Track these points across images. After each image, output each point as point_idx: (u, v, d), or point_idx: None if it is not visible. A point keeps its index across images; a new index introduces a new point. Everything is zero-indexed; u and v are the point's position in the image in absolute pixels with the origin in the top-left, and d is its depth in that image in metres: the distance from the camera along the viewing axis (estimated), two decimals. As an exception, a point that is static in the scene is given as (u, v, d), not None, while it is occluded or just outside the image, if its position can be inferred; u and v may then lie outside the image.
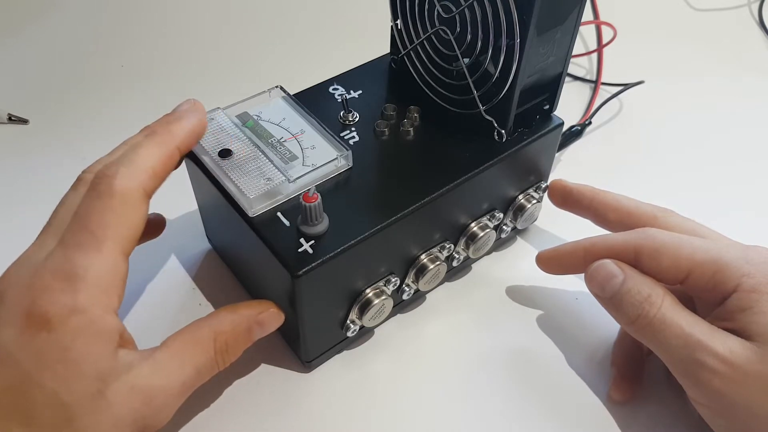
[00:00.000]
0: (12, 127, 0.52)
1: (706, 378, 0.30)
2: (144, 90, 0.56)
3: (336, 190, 0.35)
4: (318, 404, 0.36)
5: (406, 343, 0.39)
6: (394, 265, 0.36)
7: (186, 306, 0.40)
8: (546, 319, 0.40)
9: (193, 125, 0.32)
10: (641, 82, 0.55)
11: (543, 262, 0.39)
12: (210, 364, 0.31)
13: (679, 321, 0.31)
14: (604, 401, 0.36)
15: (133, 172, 0.29)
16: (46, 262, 0.27)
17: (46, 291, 0.27)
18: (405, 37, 0.39)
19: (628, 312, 0.33)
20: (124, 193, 0.28)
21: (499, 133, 0.37)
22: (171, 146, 0.31)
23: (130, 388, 0.28)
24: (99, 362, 0.27)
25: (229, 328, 0.32)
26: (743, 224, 0.46)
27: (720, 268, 0.31)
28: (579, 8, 0.35)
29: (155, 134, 0.31)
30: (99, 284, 0.27)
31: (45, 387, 0.26)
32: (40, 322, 0.26)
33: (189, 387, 0.30)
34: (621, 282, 0.33)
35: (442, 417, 0.36)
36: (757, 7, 0.66)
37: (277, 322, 0.34)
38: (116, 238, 0.28)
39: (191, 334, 0.31)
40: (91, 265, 0.27)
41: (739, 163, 0.51)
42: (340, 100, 0.39)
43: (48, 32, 0.60)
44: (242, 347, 0.33)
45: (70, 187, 0.30)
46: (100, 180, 0.29)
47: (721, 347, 0.30)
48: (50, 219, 0.30)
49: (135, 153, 0.30)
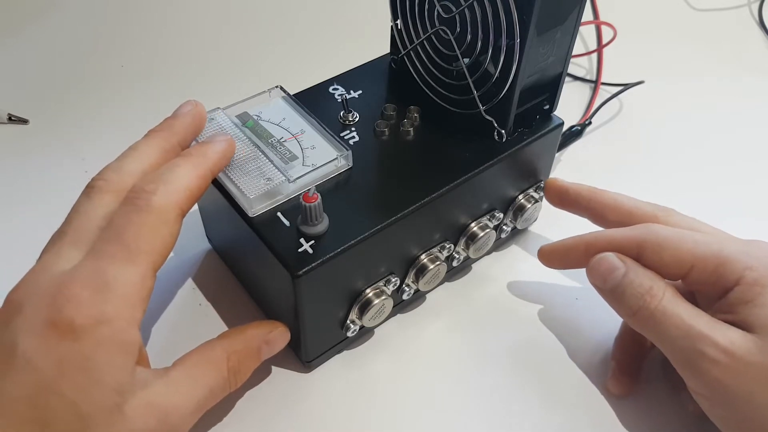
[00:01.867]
0: (12, 127, 0.52)
1: (706, 368, 0.30)
2: (144, 90, 0.56)
3: (336, 190, 0.35)
4: (318, 404, 0.36)
5: (406, 343, 0.39)
6: (394, 265, 0.36)
7: (186, 306, 0.40)
8: (546, 320, 0.40)
9: (224, 148, 0.33)
10: (641, 82, 0.55)
11: (544, 256, 0.39)
12: (223, 383, 0.31)
13: (680, 312, 0.31)
14: (605, 400, 0.36)
15: (172, 191, 0.29)
16: (75, 272, 0.27)
17: (74, 300, 0.26)
18: (405, 37, 0.39)
19: (629, 304, 0.33)
20: (162, 210, 0.29)
21: (499, 133, 0.37)
22: (206, 168, 0.31)
23: (147, 404, 0.27)
24: (119, 375, 0.27)
25: (241, 348, 0.32)
26: (743, 224, 0.46)
27: (722, 261, 0.32)
28: (579, 8, 0.35)
29: (191, 156, 0.31)
30: (127, 297, 0.27)
31: (64, 396, 0.26)
32: (65, 330, 0.26)
33: (202, 406, 0.31)
34: (623, 274, 0.33)
35: (442, 417, 0.36)
36: (757, 7, 0.66)
37: (284, 341, 0.35)
38: (149, 254, 0.28)
39: (204, 354, 0.31)
40: (122, 277, 0.27)
41: (739, 163, 0.51)
42: (340, 100, 0.39)
43: (48, 32, 0.60)
44: (252, 367, 0.34)
45: (82, 194, 0.30)
46: (139, 195, 0.29)
47: (722, 338, 0.30)
48: (65, 227, 0.29)
49: (173, 173, 0.30)
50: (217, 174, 0.33)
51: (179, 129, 0.33)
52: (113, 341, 0.27)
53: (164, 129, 0.33)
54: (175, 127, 0.33)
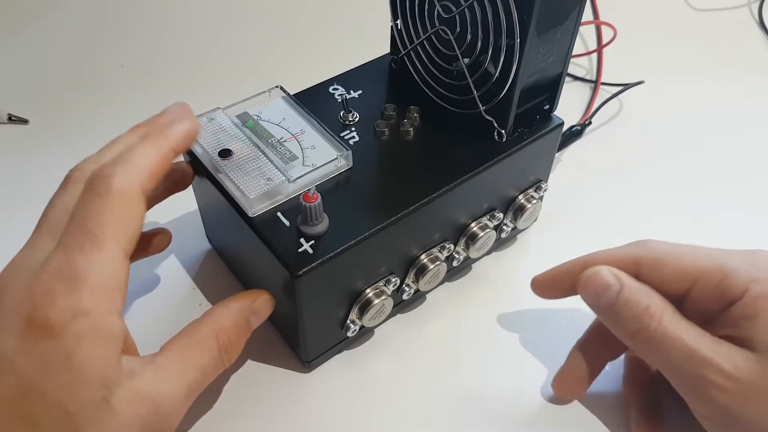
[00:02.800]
0: (12, 127, 0.52)
1: (712, 395, 0.29)
2: (144, 90, 0.56)
3: (336, 190, 0.35)
4: (318, 404, 0.36)
5: (406, 343, 0.39)
6: (394, 265, 0.36)
7: (186, 306, 0.40)
8: (547, 319, 0.40)
9: (186, 127, 0.32)
10: (641, 82, 0.55)
11: (539, 286, 0.37)
12: (215, 363, 0.31)
13: (681, 334, 0.30)
14: (606, 399, 0.36)
15: (130, 171, 0.28)
16: (46, 265, 0.26)
17: (48, 294, 0.26)
18: (405, 37, 0.39)
19: (626, 325, 0.31)
20: (122, 192, 0.28)
21: (499, 133, 0.37)
22: (166, 147, 0.30)
23: (135, 395, 0.27)
24: (103, 368, 0.26)
25: (229, 323, 0.32)
26: (743, 224, 0.46)
27: (727, 274, 0.30)
28: (579, 8, 0.35)
29: (150, 136, 0.31)
30: (101, 285, 0.26)
31: (48, 396, 0.25)
32: (42, 329, 0.25)
33: (195, 390, 0.30)
34: (617, 291, 0.31)
35: (442, 417, 0.36)
36: (757, 7, 0.66)
37: (270, 308, 0.34)
38: (117, 238, 0.27)
39: (191, 336, 0.31)
40: (92, 266, 0.26)
41: (739, 163, 0.51)
42: (340, 100, 0.39)
43: (48, 32, 0.60)
44: (243, 340, 0.33)
45: (59, 187, 0.30)
46: (97, 179, 0.28)
47: (726, 363, 0.29)
48: (41, 220, 0.29)
49: (131, 153, 0.29)
50: (180, 152, 0.31)
51: (161, 123, 0.32)
52: (93, 334, 0.26)
53: (146, 123, 0.33)
54: (157, 122, 0.32)
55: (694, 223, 0.46)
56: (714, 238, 0.45)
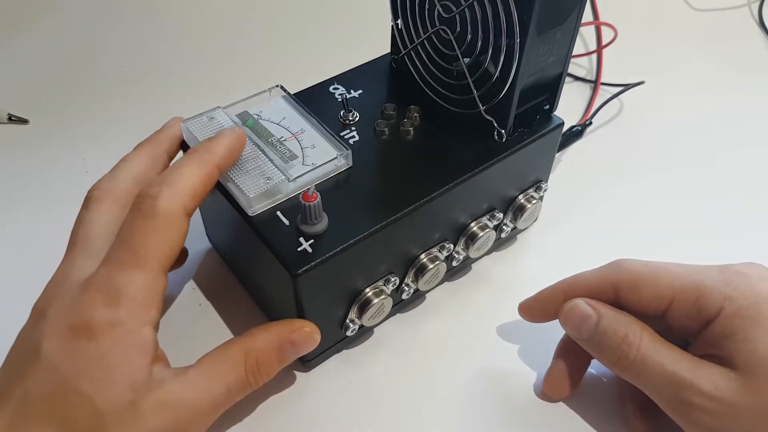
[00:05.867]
0: (12, 127, 0.52)
1: (695, 416, 0.29)
2: (144, 90, 0.56)
3: (336, 189, 0.35)
4: (317, 404, 0.36)
5: (405, 343, 0.39)
6: (393, 265, 0.36)
7: (186, 305, 0.40)
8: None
9: (230, 142, 0.33)
10: (641, 83, 0.55)
11: (525, 311, 0.37)
12: (241, 382, 0.31)
13: (660, 360, 0.30)
14: (607, 399, 0.36)
15: (176, 192, 0.30)
16: (91, 280, 0.29)
17: (90, 304, 0.28)
18: (405, 36, 0.39)
19: (607, 354, 0.32)
20: (167, 213, 0.29)
21: (499, 133, 0.37)
22: (211, 165, 0.32)
23: (161, 403, 0.28)
24: (134, 373, 0.28)
25: (261, 345, 0.32)
26: (743, 223, 0.46)
27: (702, 292, 0.31)
28: (579, 8, 0.35)
29: (195, 153, 0.32)
30: (139, 300, 0.28)
31: (81, 393, 0.27)
32: (82, 331, 0.27)
33: (219, 404, 0.30)
34: (595, 323, 0.32)
35: (442, 417, 0.36)
36: (757, 7, 0.66)
37: (312, 343, 0.33)
38: (157, 257, 0.29)
39: (223, 351, 0.31)
40: (132, 282, 0.28)
41: (739, 162, 0.51)
42: (340, 100, 0.39)
43: (48, 32, 0.60)
44: (275, 366, 0.33)
45: (82, 207, 0.32)
46: (144, 200, 0.30)
47: (706, 384, 0.29)
48: (72, 239, 0.31)
49: (176, 173, 0.31)
50: (226, 169, 0.33)
51: (164, 138, 0.36)
52: (126, 340, 0.28)
53: (150, 140, 0.35)
54: (160, 137, 0.36)
55: (694, 222, 0.46)
56: (714, 238, 0.45)
